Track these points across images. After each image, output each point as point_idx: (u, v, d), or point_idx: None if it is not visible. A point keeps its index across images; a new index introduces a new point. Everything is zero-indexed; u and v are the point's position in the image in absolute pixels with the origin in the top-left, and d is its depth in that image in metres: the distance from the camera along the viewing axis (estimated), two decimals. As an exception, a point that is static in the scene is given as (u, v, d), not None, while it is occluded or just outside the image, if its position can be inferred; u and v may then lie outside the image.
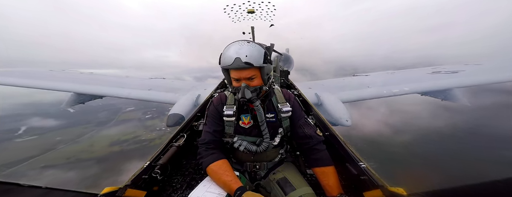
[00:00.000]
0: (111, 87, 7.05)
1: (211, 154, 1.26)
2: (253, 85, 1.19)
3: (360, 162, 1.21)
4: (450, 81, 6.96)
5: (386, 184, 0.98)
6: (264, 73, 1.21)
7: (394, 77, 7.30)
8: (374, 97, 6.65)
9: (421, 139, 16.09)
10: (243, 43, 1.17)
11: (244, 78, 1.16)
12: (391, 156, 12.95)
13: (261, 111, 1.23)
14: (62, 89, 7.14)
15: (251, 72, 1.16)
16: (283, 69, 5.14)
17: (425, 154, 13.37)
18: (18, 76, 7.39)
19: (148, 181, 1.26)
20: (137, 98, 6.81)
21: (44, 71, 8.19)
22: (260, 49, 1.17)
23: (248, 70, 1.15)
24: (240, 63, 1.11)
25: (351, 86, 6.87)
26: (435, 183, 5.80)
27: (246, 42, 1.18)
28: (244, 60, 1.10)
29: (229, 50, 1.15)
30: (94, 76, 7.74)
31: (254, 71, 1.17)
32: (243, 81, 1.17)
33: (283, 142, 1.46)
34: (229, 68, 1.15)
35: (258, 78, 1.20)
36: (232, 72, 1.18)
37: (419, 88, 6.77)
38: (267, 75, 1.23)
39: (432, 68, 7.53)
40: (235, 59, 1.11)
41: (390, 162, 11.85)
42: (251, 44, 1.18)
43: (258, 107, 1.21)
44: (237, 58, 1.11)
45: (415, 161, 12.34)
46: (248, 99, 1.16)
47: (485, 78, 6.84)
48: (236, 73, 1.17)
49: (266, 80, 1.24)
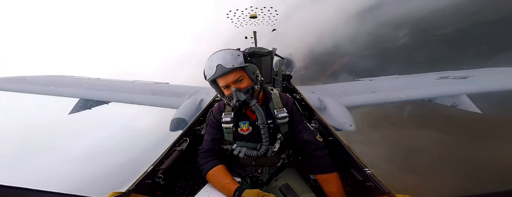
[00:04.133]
0: (117, 92, 7.19)
1: (209, 161, 1.28)
2: (244, 87, 1.19)
3: (365, 168, 1.18)
4: (459, 87, 6.77)
5: (393, 191, 0.96)
6: (250, 73, 1.22)
7: (399, 82, 7.17)
8: (379, 102, 6.50)
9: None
10: (218, 52, 1.21)
11: (232, 82, 1.17)
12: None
13: (260, 110, 1.21)
14: (70, 95, 7.34)
15: (237, 74, 1.17)
16: (285, 73, 5.13)
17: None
18: (26, 82, 7.66)
19: (151, 186, 1.25)
20: (142, 103, 6.91)
21: (54, 77, 8.47)
22: (236, 51, 1.21)
23: (233, 73, 1.16)
24: (223, 68, 1.13)
25: (355, 90, 6.77)
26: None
27: (220, 50, 1.22)
28: (225, 65, 1.13)
29: (208, 63, 1.19)
30: (101, 81, 7.94)
31: (239, 72, 1.18)
32: (232, 85, 1.17)
33: (284, 147, 1.43)
34: (215, 77, 1.17)
35: (246, 79, 1.21)
36: (220, 81, 1.19)
37: (425, 94, 6.60)
38: (253, 74, 1.24)
39: (437, 73, 7.37)
40: (217, 67, 1.14)
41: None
42: (225, 50, 1.22)
43: (256, 106, 1.19)
44: (218, 65, 1.14)
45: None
46: (243, 101, 1.16)
47: (496, 84, 6.64)
48: (223, 80, 1.18)
49: (255, 80, 1.24)
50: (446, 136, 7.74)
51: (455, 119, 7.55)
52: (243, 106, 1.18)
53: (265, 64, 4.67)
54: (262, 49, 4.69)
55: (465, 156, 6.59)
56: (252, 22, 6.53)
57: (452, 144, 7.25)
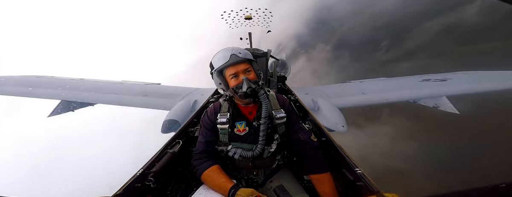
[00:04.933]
0: (104, 93, 6.83)
1: (204, 162, 1.28)
2: (251, 79, 1.24)
3: (356, 168, 1.22)
4: (439, 89, 7.21)
5: (381, 190, 1.00)
6: (255, 68, 1.29)
7: (387, 84, 7.50)
8: (369, 103, 6.76)
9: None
10: (228, 47, 1.30)
11: (242, 71, 1.22)
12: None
13: (267, 101, 1.23)
14: (50, 96, 6.86)
15: (246, 65, 1.24)
16: (280, 75, 5.18)
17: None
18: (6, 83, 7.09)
19: (141, 189, 1.21)
20: (131, 104, 6.62)
21: (31, 77, 7.90)
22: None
23: (244, 63, 1.23)
24: (236, 57, 1.21)
25: (347, 92, 6.99)
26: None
27: (230, 47, 1.32)
28: (238, 55, 1.22)
29: (220, 54, 1.27)
30: (85, 82, 7.50)
31: (248, 64, 1.25)
32: (242, 74, 1.22)
33: (280, 149, 1.45)
34: (227, 65, 1.21)
35: (253, 72, 1.27)
36: (229, 70, 1.23)
37: (411, 96, 6.96)
38: (258, 70, 1.31)
39: (421, 76, 7.81)
40: (231, 56, 1.21)
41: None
42: (235, 46, 1.32)
43: (264, 96, 1.21)
44: (232, 54, 1.21)
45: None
46: (254, 88, 1.19)
47: (470, 87, 7.16)
48: (233, 68, 1.22)
49: (259, 76, 1.30)
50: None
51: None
52: (252, 94, 1.20)
53: (261, 65, 4.69)
54: (258, 50, 4.70)
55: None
56: (247, 23, 6.56)
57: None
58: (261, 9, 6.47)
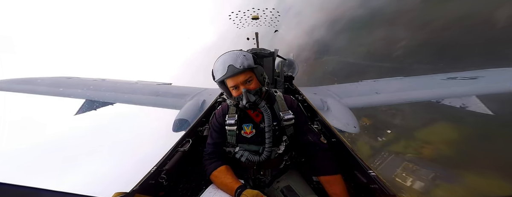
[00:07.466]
0: (122, 93, 7.30)
1: (214, 162, 1.30)
2: (253, 88, 1.20)
3: (369, 170, 1.17)
4: (468, 88, 6.57)
5: (397, 193, 0.97)
6: (258, 74, 1.23)
7: (405, 83, 7.02)
8: (384, 103, 6.39)
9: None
10: (227, 53, 1.22)
11: (241, 83, 1.18)
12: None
13: (268, 112, 1.21)
14: (77, 96, 7.51)
15: (246, 75, 1.18)
16: (287, 74, 5.11)
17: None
18: (35, 84, 7.87)
19: (155, 186, 1.27)
20: (146, 104, 6.99)
21: (61, 78, 8.69)
22: (246, 53, 1.21)
23: (243, 74, 1.17)
24: (234, 69, 1.14)
25: (359, 92, 6.66)
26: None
27: (229, 51, 1.24)
28: (236, 65, 1.15)
29: (218, 63, 1.20)
30: (106, 82, 8.08)
31: (248, 73, 1.19)
32: (241, 86, 1.18)
33: (288, 150, 1.44)
34: (226, 77, 1.17)
35: (254, 80, 1.22)
36: (229, 81, 1.20)
37: (433, 95, 6.44)
38: (261, 75, 1.26)
39: (445, 74, 7.18)
40: (228, 67, 1.15)
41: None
42: (235, 51, 1.23)
43: (264, 108, 1.20)
44: (230, 65, 1.15)
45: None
46: (253, 102, 1.16)
47: (507, 85, 6.41)
48: (233, 80, 1.18)
49: (262, 81, 1.26)
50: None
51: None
52: (252, 107, 1.19)
53: (267, 65, 4.67)
54: (264, 50, 4.69)
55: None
56: (254, 23, 6.55)
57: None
58: (268, 9, 6.47)
